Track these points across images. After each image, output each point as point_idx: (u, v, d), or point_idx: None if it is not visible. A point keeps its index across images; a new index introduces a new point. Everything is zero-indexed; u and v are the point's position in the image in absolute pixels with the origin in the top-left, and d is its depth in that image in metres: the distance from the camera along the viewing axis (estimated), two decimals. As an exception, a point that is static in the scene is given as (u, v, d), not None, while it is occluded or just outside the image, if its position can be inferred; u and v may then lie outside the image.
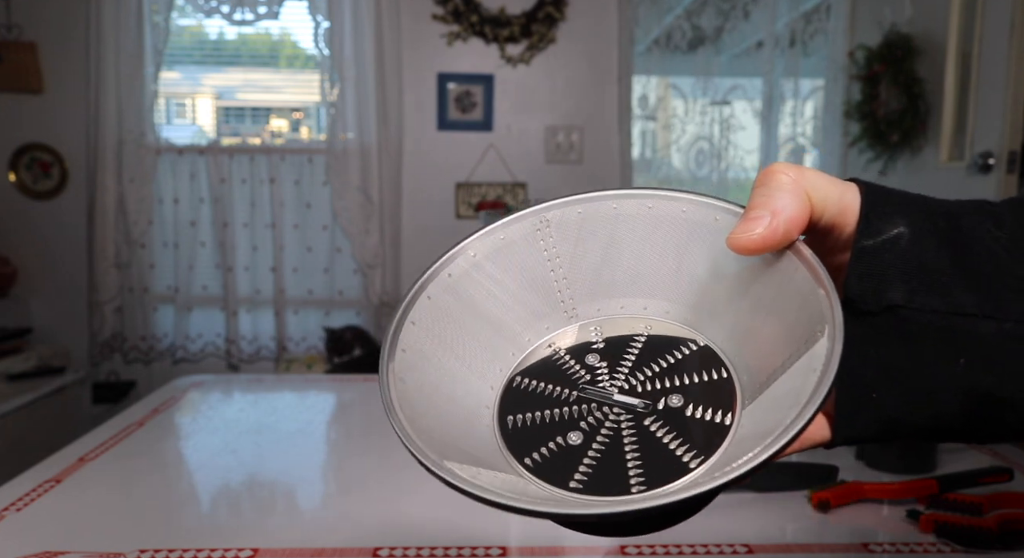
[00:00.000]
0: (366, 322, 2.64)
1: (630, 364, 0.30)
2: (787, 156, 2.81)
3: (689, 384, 0.29)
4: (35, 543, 0.57)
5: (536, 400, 0.29)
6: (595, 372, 0.30)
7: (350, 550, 0.57)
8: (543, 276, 0.32)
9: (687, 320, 0.31)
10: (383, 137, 2.54)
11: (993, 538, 0.58)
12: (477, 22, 2.55)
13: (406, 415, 0.26)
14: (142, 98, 2.48)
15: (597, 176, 2.69)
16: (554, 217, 0.33)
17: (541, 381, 0.30)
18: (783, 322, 0.27)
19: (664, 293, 0.31)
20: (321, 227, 2.64)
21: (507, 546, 0.57)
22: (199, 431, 0.88)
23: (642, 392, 0.29)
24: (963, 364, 0.27)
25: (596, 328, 0.32)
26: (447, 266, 0.32)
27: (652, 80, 2.79)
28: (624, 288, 0.32)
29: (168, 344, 2.66)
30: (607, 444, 0.27)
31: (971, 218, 0.28)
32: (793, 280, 0.27)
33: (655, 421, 0.27)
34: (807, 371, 0.24)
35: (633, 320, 0.32)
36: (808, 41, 2.74)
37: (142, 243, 2.57)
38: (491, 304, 0.32)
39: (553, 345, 0.32)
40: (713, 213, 0.30)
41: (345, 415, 0.97)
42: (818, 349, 0.24)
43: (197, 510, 0.67)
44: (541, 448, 0.27)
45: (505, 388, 0.30)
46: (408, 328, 0.29)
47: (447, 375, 0.29)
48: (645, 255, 0.32)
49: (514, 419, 0.29)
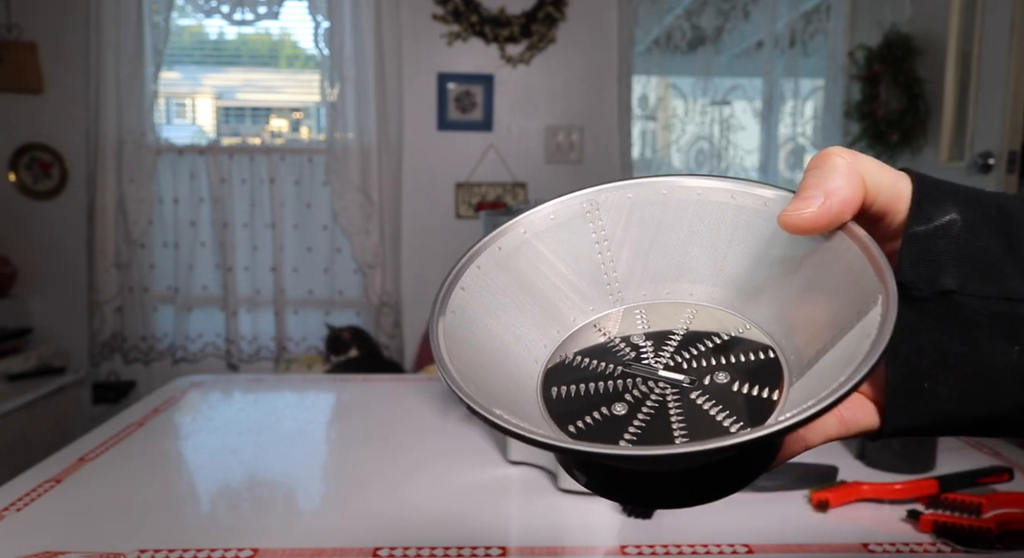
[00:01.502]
0: (366, 322, 2.64)
1: (675, 345, 0.30)
2: (787, 156, 2.81)
3: (735, 363, 0.29)
4: (35, 543, 0.57)
5: (580, 374, 0.30)
6: (640, 351, 0.30)
7: (350, 550, 0.57)
8: (591, 258, 0.33)
9: (734, 305, 0.31)
10: (383, 137, 2.54)
11: (993, 538, 0.58)
12: (477, 22, 2.55)
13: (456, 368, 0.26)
14: (142, 98, 2.48)
15: (597, 176, 2.69)
16: (604, 200, 0.33)
17: (586, 357, 0.30)
18: (834, 301, 0.27)
19: (711, 278, 0.32)
20: (321, 227, 2.65)
21: (507, 546, 0.57)
22: (199, 431, 0.88)
23: (687, 370, 0.29)
24: (1018, 351, 0.26)
25: (641, 312, 0.32)
26: (498, 239, 0.32)
27: (652, 80, 2.79)
28: (671, 273, 0.32)
29: (168, 344, 2.66)
30: (652, 414, 0.27)
31: (1021, 207, 0.28)
32: (844, 259, 0.27)
33: (700, 395, 0.28)
34: (860, 338, 0.24)
35: (679, 305, 0.32)
36: (808, 41, 2.74)
37: (142, 243, 2.57)
38: (539, 281, 0.32)
39: (598, 326, 0.32)
40: (762, 197, 0.30)
41: (345, 415, 0.97)
42: (871, 317, 0.24)
43: (197, 510, 0.67)
44: (585, 417, 0.27)
45: (549, 362, 0.31)
46: (458, 293, 0.30)
47: (493, 341, 0.30)
48: (693, 240, 0.32)
49: (558, 390, 0.29)
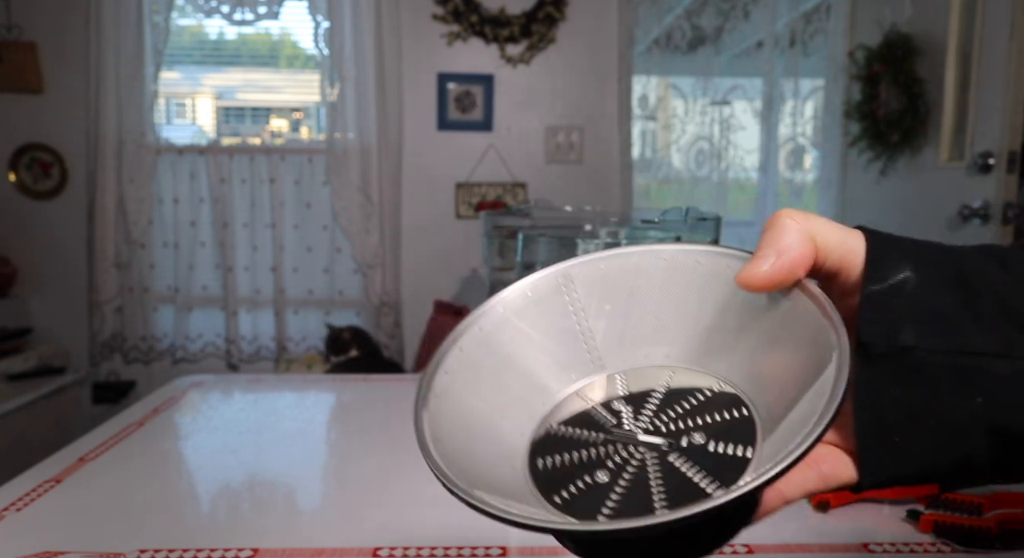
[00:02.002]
0: (366, 322, 2.64)
1: (654, 408, 0.32)
2: (787, 156, 2.81)
3: (711, 422, 0.30)
4: (35, 543, 0.57)
5: (564, 443, 0.31)
6: (621, 416, 0.32)
7: (350, 550, 0.57)
8: (569, 329, 0.34)
9: (708, 364, 0.33)
10: (383, 137, 2.54)
11: (993, 538, 0.58)
12: (477, 22, 2.55)
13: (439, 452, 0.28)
14: (142, 98, 2.48)
15: (597, 176, 2.69)
16: (577, 274, 0.35)
17: (569, 426, 0.32)
18: (797, 357, 0.29)
19: (684, 340, 0.33)
20: (321, 227, 2.65)
21: (507, 546, 0.57)
22: (199, 431, 0.88)
23: (666, 433, 0.30)
24: (980, 403, 0.27)
25: (622, 377, 0.34)
26: (478, 321, 0.33)
27: (652, 80, 2.79)
28: (647, 338, 0.34)
29: (168, 344, 2.66)
30: (633, 480, 0.28)
31: (976, 261, 0.29)
32: (803, 317, 0.29)
33: (679, 457, 0.29)
34: (817, 396, 0.26)
35: (656, 368, 0.34)
36: (808, 41, 2.74)
37: (142, 243, 2.57)
38: (520, 356, 0.33)
39: (581, 394, 0.33)
40: (725, 261, 0.32)
41: (345, 415, 0.97)
42: (827, 374, 0.26)
43: (197, 510, 0.67)
44: (570, 486, 0.29)
45: (535, 434, 0.32)
46: (441, 376, 0.31)
47: (479, 420, 0.31)
48: (665, 306, 0.34)
49: (543, 462, 0.30)
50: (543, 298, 0.34)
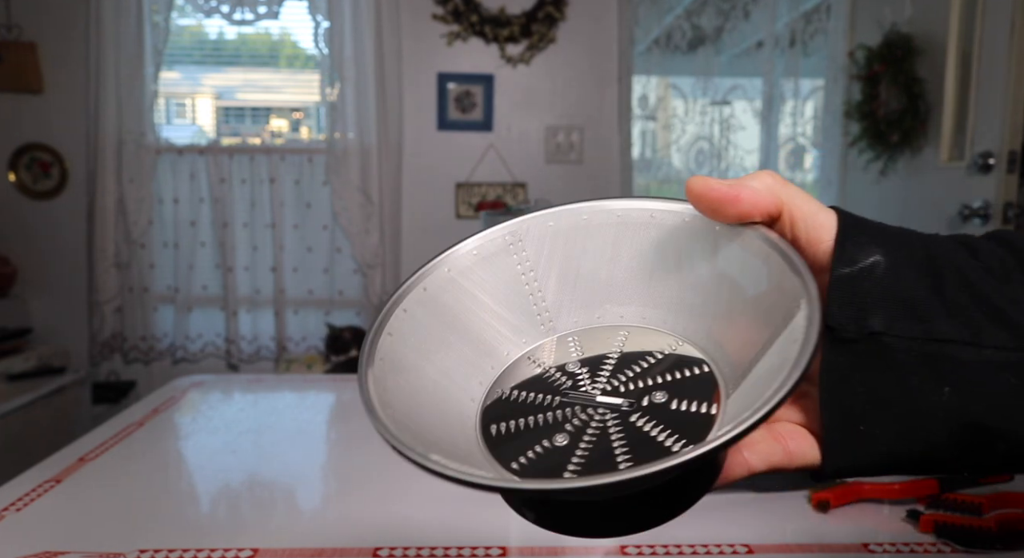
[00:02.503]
0: (366, 322, 2.64)
1: (610, 369, 0.30)
2: (787, 156, 2.81)
3: (671, 381, 0.29)
4: (35, 543, 0.57)
5: (518, 408, 0.30)
6: (576, 379, 0.30)
7: (350, 550, 0.57)
8: (518, 290, 0.33)
9: (665, 322, 0.31)
10: (383, 137, 2.54)
11: (993, 538, 0.58)
12: (477, 22, 2.55)
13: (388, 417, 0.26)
14: (142, 98, 2.48)
15: (597, 176, 2.69)
16: (526, 231, 0.33)
17: (522, 390, 0.30)
18: (759, 309, 0.28)
19: (639, 299, 0.32)
20: (321, 227, 2.65)
21: (507, 546, 0.57)
22: (199, 431, 0.88)
23: (625, 392, 0.29)
24: (948, 392, 0.27)
25: (574, 339, 0.32)
26: (422, 280, 0.32)
27: (652, 80, 2.79)
28: (599, 298, 0.33)
29: (168, 344, 2.66)
30: (594, 442, 0.27)
31: (945, 247, 0.29)
32: (765, 266, 0.28)
33: (640, 417, 0.28)
34: (788, 343, 0.25)
35: (611, 329, 0.32)
36: (808, 41, 2.74)
37: (142, 243, 2.57)
38: (468, 318, 0.32)
39: (532, 358, 0.32)
40: (680, 214, 0.31)
41: (345, 415, 0.97)
42: (797, 321, 0.25)
43: (197, 510, 0.67)
44: (528, 452, 0.27)
45: (485, 400, 0.30)
46: (385, 339, 0.30)
47: (427, 383, 0.30)
48: (617, 263, 0.32)
49: (497, 428, 0.29)
50: (490, 257, 0.33)
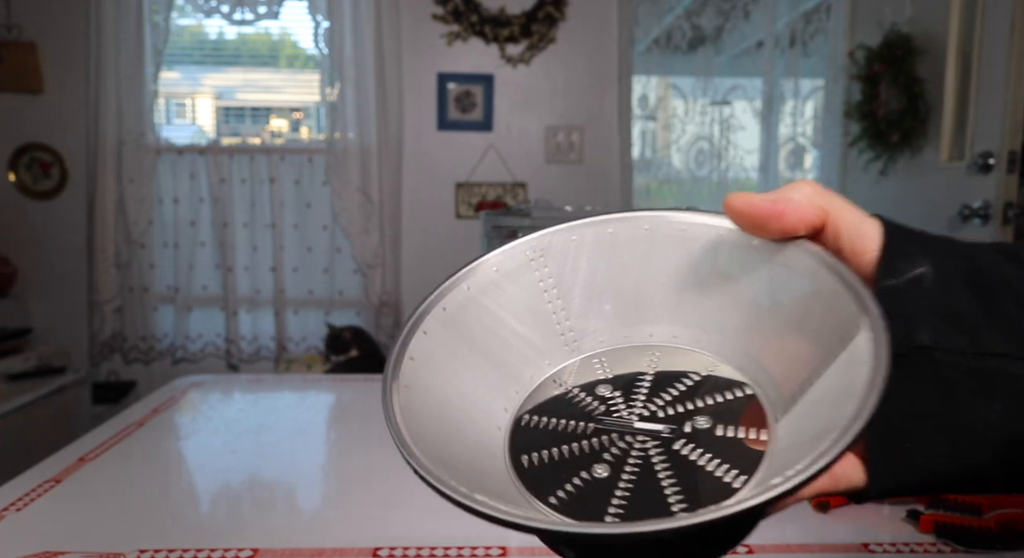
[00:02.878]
0: (366, 322, 2.64)
1: (645, 392, 0.28)
2: (787, 156, 2.81)
3: (713, 404, 0.27)
4: (35, 543, 0.57)
5: (549, 436, 0.27)
6: (609, 403, 0.28)
7: (350, 550, 0.57)
8: (541, 309, 0.31)
9: (699, 341, 0.29)
10: (383, 137, 2.54)
11: (993, 538, 0.58)
12: (477, 22, 2.55)
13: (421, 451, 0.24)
14: (142, 98, 2.48)
15: (597, 176, 2.69)
16: (548, 245, 0.31)
17: (552, 417, 0.28)
18: (807, 329, 0.26)
19: (670, 317, 0.30)
20: (321, 227, 2.65)
21: (507, 546, 0.57)
22: (199, 431, 0.88)
23: (664, 418, 0.27)
24: (999, 409, 0.25)
25: (600, 360, 0.31)
26: (442, 299, 0.30)
27: (652, 80, 2.79)
28: (627, 316, 0.31)
29: (168, 344, 2.66)
30: (638, 473, 0.25)
31: (991, 258, 0.28)
32: (812, 283, 0.26)
33: (685, 444, 0.26)
34: (851, 364, 0.23)
35: (640, 349, 0.30)
36: (808, 41, 2.74)
37: (142, 243, 2.57)
38: (489, 339, 0.30)
39: (558, 381, 0.30)
40: (715, 228, 0.29)
41: (345, 415, 0.97)
42: (860, 342, 0.23)
43: (197, 510, 0.67)
44: (565, 485, 0.25)
45: (513, 427, 0.28)
46: (407, 364, 0.28)
47: (453, 413, 0.28)
48: (647, 279, 0.30)
49: (529, 458, 0.27)
50: (511, 273, 0.31)
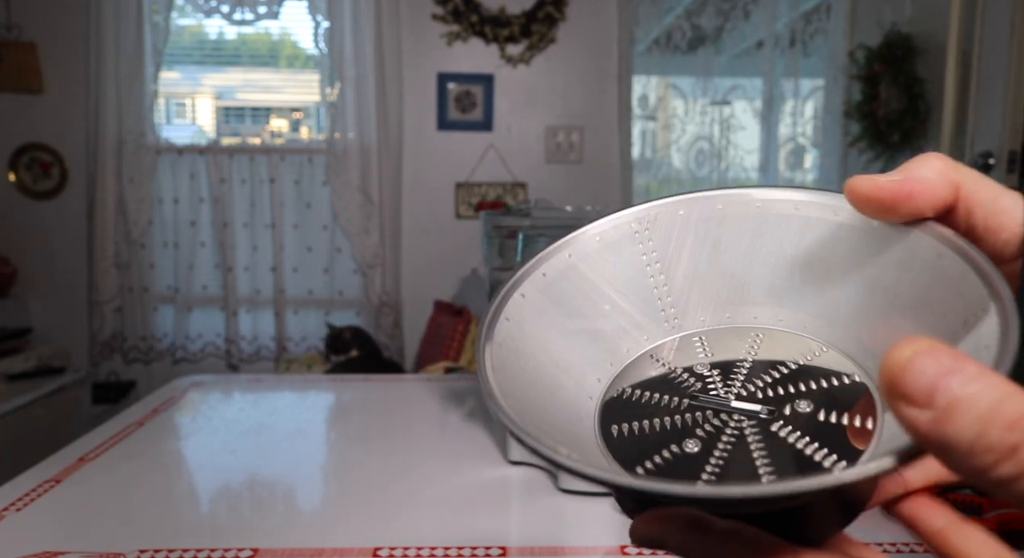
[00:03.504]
0: (366, 322, 2.64)
1: (745, 372, 0.27)
2: (787, 156, 2.81)
3: (816, 390, 0.26)
4: (35, 543, 0.57)
5: (642, 409, 0.27)
6: (706, 381, 0.27)
7: (350, 550, 0.57)
8: (642, 282, 0.30)
9: (806, 326, 0.28)
10: (383, 137, 2.54)
11: (993, 538, 0.58)
12: (477, 22, 2.55)
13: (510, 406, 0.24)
14: (142, 98, 2.48)
15: (597, 176, 2.69)
16: (654, 218, 0.30)
17: (646, 390, 0.28)
18: (928, 315, 0.24)
19: (777, 299, 0.29)
20: (321, 227, 2.65)
21: (507, 546, 0.57)
22: (199, 431, 0.88)
23: (763, 399, 0.26)
24: None
25: (701, 338, 0.30)
26: (541, 265, 0.29)
27: (652, 80, 2.79)
28: (731, 295, 0.30)
29: (168, 344, 2.66)
30: (731, 450, 0.24)
31: None
32: (936, 267, 0.24)
33: (782, 426, 0.25)
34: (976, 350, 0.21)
35: (743, 330, 0.29)
36: (808, 41, 2.74)
37: (142, 243, 2.57)
38: (587, 308, 0.29)
39: (655, 356, 0.29)
40: (831, 207, 0.27)
41: (345, 415, 0.97)
42: (985, 328, 0.21)
43: (197, 510, 0.67)
44: (654, 456, 0.25)
45: (605, 398, 0.28)
46: (503, 324, 0.27)
47: (543, 377, 0.27)
48: (755, 258, 0.29)
49: (619, 429, 0.26)
50: (614, 244, 0.30)
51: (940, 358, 0.17)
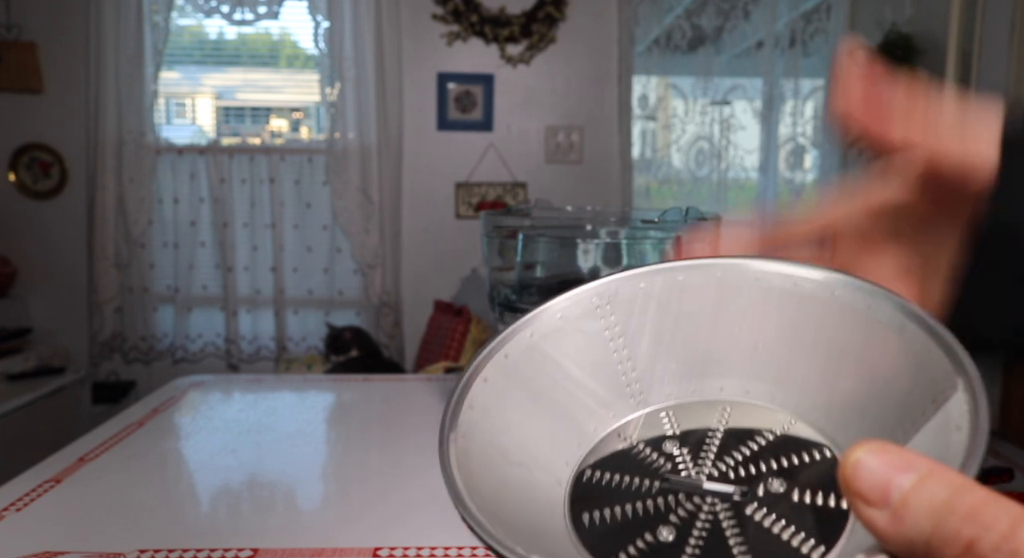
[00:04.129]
0: (366, 322, 2.64)
1: (715, 450, 0.27)
2: (787, 156, 2.81)
3: (788, 467, 0.25)
4: (35, 543, 0.57)
5: (612, 494, 0.26)
6: (675, 460, 0.27)
7: (350, 550, 0.56)
8: (606, 358, 0.30)
9: (774, 397, 0.28)
10: (383, 137, 2.54)
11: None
12: (477, 22, 2.55)
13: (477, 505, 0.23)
14: (142, 98, 2.48)
15: (597, 176, 2.69)
16: (614, 293, 0.30)
17: (615, 473, 0.27)
18: (896, 388, 0.24)
19: (743, 370, 0.29)
20: (321, 227, 2.65)
21: (507, 546, 0.57)
22: (199, 431, 0.88)
23: (735, 479, 0.26)
24: None
25: (668, 413, 0.29)
26: (503, 345, 0.29)
27: (652, 80, 2.79)
28: (696, 368, 0.30)
29: (168, 344, 2.66)
30: (706, 538, 0.24)
31: None
32: (901, 340, 0.24)
33: (757, 509, 0.24)
34: (945, 430, 0.21)
35: (710, 403, 0.29)
36: (808, 41, 2.74)
37: (142, 243, 2.57)
38: (551, 389, 0.29)
39: (622, 435, 0.29)
40: (791, 277, 0.28)
41: (345, 415, 0.97)
42: (953, 405, 0.21)
43: (197, 510, 0.67)
44: (628, 548, 0.24)
45: (574, 482, 0.27)
46: (466, 413, 0.27)
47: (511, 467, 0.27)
48: (719, 329, 0.29)
49: (590, 516, 0.26)
50: (575, 321, 0.30)
51: (890, 457, 0.17)
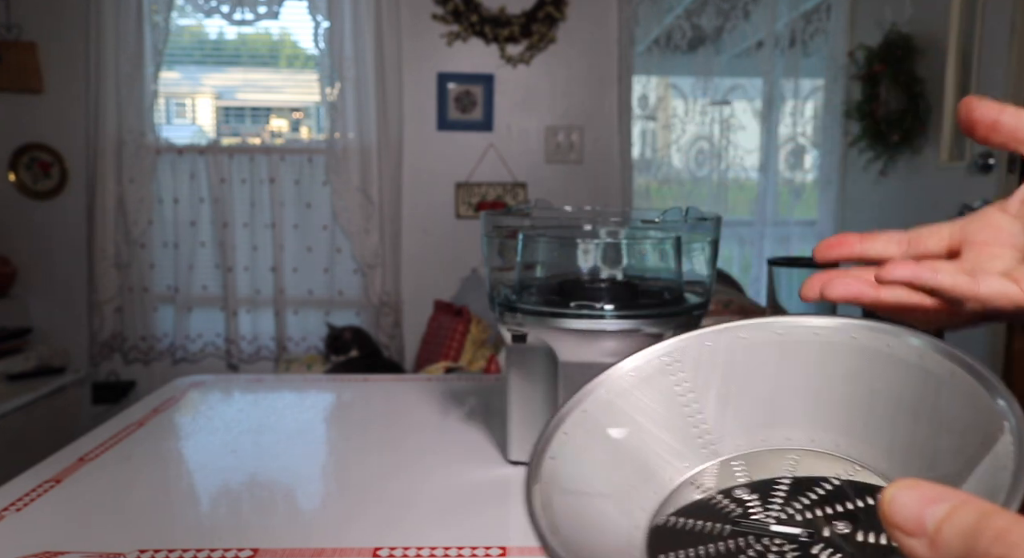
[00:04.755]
0: (366, 322, 2.64)
1: (783, 496, 0.29)
2: (787, 156, 2.81)
3: (853, 510, 0.27)
4: (35, 543, 0.57)
5: (687, 537, 0.28)
6: (746, 506, 0.29)
7: (350, 550, 0.56)
8: (678, 412, 0.32)
9: (838, 446, 0.30)
10: (383, 137, 2.54)
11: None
12: (477, 22, 2.55)
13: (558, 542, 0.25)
14: (142, 98, 2.48)
15: (597, 176, 2.69)
16: (682, 351, 0.32)
17: (689, 518, 0.29)
18: (948, 431, 0.26)
19: (808, 421, 0.31)
20: (321, 227, 2.65)
21: (507, 546, 0.57)
22: (199, 431, 0.88)
23: (802, 522, 0.27)
24: None
25: (739, 463, 0.31)
26: (581, 402, 0.31)
27: (652, 80, 2.79)
28: (763, 419, 0.31)
29: (168, 344, 2.66)
30: None
31: None
32: (950, 383, 0.26)
33: (824, 549, 0.26)
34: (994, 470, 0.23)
35: (778, 452, 0.31)
36: (808, 41, 2.74)
37: (142, 243, 2.57)
38: (628, 441, 0.31)
39: (695, 483, 0.31)
40: (848, 331, 0.29)
41: (345, 415, 0.97)
42: (1001, 447, 0.23)
43: (197, 510, 0.67)
44: None
45: (651, 528, 0.29)
46: (548, 462, 0.29)
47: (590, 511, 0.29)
48: (783, 382, 0.31)
49: None
50: (648, 379, 0.32)
51: (922, 491, 0.18)
